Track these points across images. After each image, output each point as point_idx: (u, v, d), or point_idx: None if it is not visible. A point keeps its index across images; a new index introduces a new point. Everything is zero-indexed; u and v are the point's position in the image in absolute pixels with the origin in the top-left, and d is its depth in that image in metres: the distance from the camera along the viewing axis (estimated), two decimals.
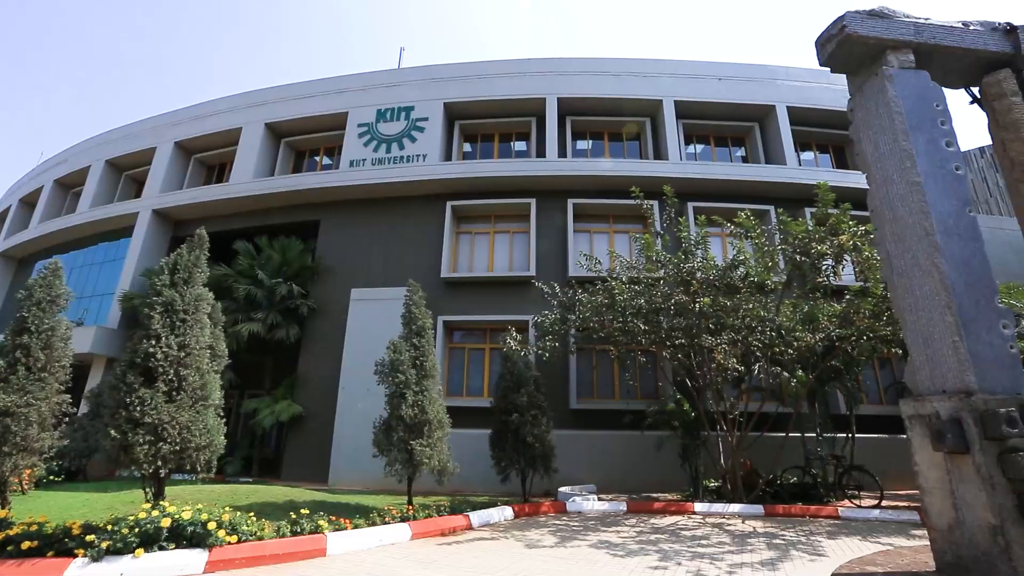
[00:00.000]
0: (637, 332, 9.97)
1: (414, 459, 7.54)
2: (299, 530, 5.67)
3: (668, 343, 9.98)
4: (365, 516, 6.80)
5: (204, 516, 4.99)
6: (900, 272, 4.94)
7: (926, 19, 5.48)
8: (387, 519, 6.79)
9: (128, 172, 19.41)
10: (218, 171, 18.69)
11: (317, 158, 17.71)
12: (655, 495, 10.52)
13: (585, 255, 11.19)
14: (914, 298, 4.78)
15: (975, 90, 5.70)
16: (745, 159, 16.28)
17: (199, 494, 8.01)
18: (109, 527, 4.77)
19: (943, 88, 5.37)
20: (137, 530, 4.69)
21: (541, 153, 15.22)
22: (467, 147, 16.76)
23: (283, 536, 5.51)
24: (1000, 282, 6.06)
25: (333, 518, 6.23)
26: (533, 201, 14.18)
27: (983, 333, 4.42)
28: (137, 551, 4.55)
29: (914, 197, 4.85)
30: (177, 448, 5.63)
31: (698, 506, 8.98)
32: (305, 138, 17.38)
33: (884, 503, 9.08)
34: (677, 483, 10.78)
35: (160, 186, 17.08)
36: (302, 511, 6.03)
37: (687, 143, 16.30)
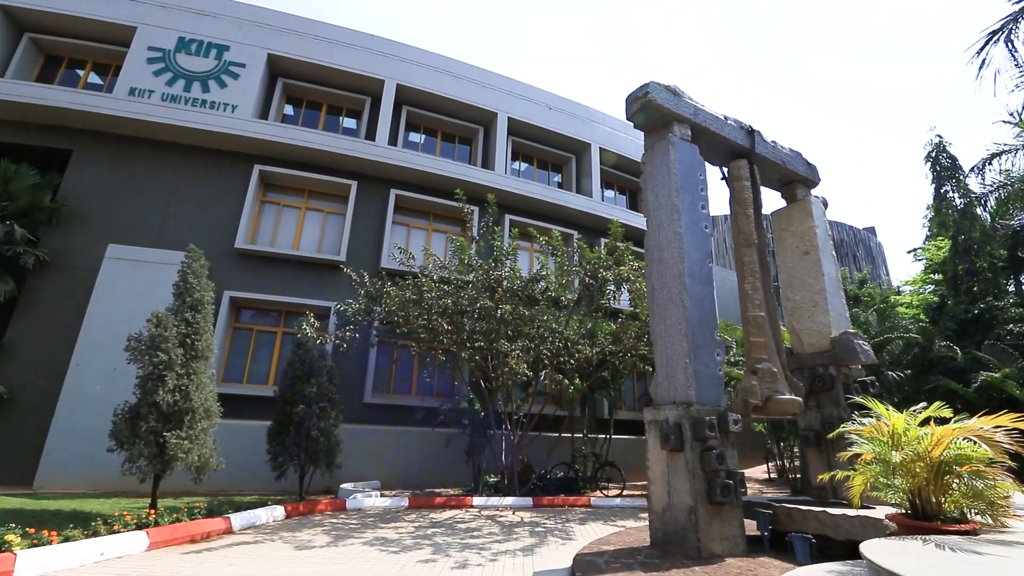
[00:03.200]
0: (440, 331, 10.27)
1: (166, 453, 6.39)
2: None
3: (468, 344, 10.45)
4: (84, 525, 5.49)
5: None
6: (659, 303, 6.02)
7: (702, 105, 6.85)
8: (116, 527, 5.59)
9: None
10: None
11: (81, 72, 13.90)
12: (439, 490, 10.82)
13: (400, 248, 11.10)
14: (665, 326, 5.87)
15: (726, 170, 7.33)
16: (561, 185, 18.03)
17: None
18: None
19: (705, 162, 6.75)
20: None
21: (371, 136, 14.51)
22: (289, 110, 15.07)
23: None
24: (720, 320, 7.90)
25: (31, 530, 4.90)
26: (355, 184, 13.44)
27: (704, 358, 5.64)
28: None
29: (676, 244, 5.97)
30: None
31: (476, 500, 9.51)
32: (66, 42, 13.49)
33: (625, 493, 10.98)
34: (462, 479, 11.27)
35: None
36: None
37: (514, 159, 17.38)
